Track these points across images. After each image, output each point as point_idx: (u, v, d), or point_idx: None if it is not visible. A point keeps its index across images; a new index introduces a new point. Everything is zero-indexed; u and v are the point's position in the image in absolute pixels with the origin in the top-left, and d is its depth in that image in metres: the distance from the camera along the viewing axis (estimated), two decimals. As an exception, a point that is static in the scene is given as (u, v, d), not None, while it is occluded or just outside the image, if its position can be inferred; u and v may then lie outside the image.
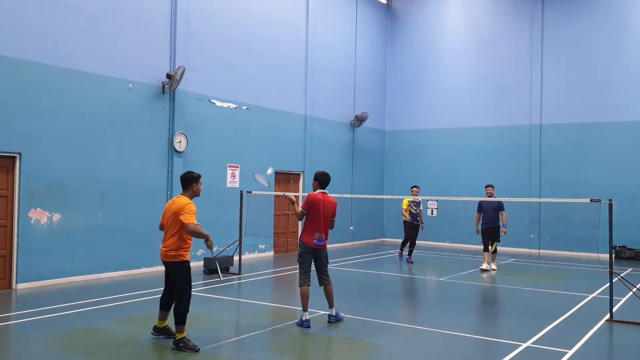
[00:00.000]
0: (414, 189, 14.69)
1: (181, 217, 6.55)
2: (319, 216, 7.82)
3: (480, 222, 13.73)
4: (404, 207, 14.69)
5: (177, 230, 6.63)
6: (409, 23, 20.64)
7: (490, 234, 13.49)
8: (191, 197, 6.86)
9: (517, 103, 18.32)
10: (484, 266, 13.49)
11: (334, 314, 8.00)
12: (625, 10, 16.89)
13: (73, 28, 10.87)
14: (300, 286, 7.86)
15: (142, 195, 12.16)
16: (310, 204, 7.85)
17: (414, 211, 14.64)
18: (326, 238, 7.98)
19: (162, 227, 6.95)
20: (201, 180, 6.95)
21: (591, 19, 17.30)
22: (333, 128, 18.21)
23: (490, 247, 13.45)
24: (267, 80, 15.47)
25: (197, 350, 6.52)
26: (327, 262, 8.06)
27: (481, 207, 13.66)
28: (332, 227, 8.08)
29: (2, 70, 9.82)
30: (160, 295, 7.07)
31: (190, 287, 6.72)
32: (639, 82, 16.57)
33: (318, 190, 8.04)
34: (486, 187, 13.80)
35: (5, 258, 9.97)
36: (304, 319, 7.76)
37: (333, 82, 18.16)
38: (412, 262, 14.55)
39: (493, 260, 13.63)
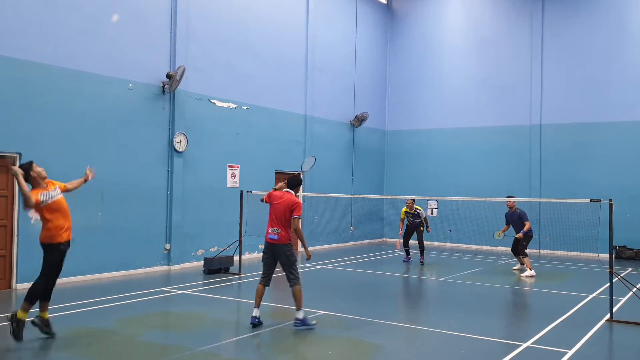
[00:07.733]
0: (408, 201, 14.38)
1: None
2: (272, 211, 7.78)
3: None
4: (401, 216, 14.92)
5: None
6: (409, 23, 20.63)
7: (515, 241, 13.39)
8: None
9: (517, 103, 18.32)
10: (517, 267, 13.82)
11: (300, 317, 7.61)
12: (625, 10, 16.89)
13: (73, 28, 10.87)
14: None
15: (142, 195, 12.16)
16: (268, 196, 8.02)
17: (409, 222, 14.65)
18: (284, 233, 7.62)
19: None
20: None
21: (591, 18, 17.30)
22: (333, 128, 18.21)
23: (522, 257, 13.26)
24: (267, 80, 15.47)
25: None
26: (291, 260, 7.69)
27: (506, 219, 13.58)
28: (292, 227, 7.76)
29: (2, 70, 9.82)
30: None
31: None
32: (639, 82, 16.57)
33: (284, 189, 7.94)
34: (507, 197, 13.63)
35: (5, 258, 9.98)
36: (252, 314, 7.70)
37: (333, 82, 18.16)
38: (417, 263, 14.42)
39: (522, 265, 13.39)
